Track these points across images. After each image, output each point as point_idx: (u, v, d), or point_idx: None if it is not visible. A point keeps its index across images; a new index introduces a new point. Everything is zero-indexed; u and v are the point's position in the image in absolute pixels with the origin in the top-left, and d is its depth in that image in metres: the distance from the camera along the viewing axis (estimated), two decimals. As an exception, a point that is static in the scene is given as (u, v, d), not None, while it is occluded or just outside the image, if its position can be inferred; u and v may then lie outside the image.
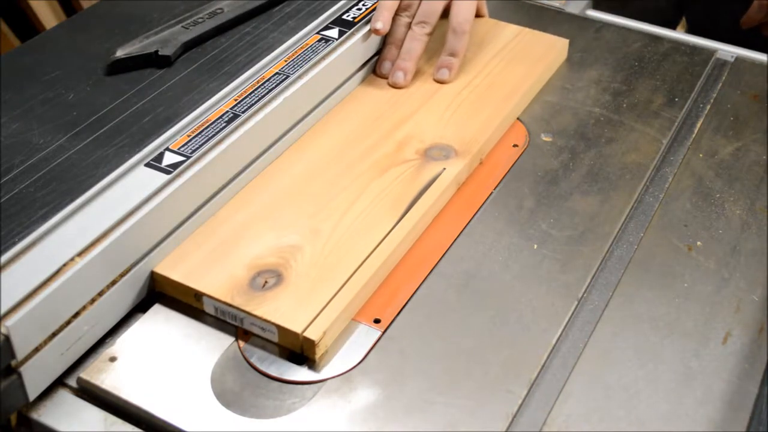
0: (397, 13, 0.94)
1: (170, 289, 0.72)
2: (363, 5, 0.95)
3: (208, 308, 0.70)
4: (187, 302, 0.71)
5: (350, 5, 0.95)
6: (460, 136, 0.86)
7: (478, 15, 1.01)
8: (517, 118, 0.90)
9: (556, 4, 1.08)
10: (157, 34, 0.91)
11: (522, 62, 0.96)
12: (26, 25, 1.94)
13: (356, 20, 0.92)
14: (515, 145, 0.87)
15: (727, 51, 1.01)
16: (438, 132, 0.86)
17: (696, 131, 0.89)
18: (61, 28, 0.99)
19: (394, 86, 0.93)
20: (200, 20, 0.94)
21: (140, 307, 0.72)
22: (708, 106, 0.93)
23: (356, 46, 0.91)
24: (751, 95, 0.94)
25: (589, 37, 1.03)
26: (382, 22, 0.92)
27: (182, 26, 0.92)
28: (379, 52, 0.95)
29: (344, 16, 0.93)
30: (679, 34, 1.05)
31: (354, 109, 0.90)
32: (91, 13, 1.01)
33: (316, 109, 0.88)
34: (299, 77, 0.85)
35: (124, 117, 0.81)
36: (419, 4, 0.94)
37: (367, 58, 0.94)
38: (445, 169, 0.81)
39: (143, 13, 0.97)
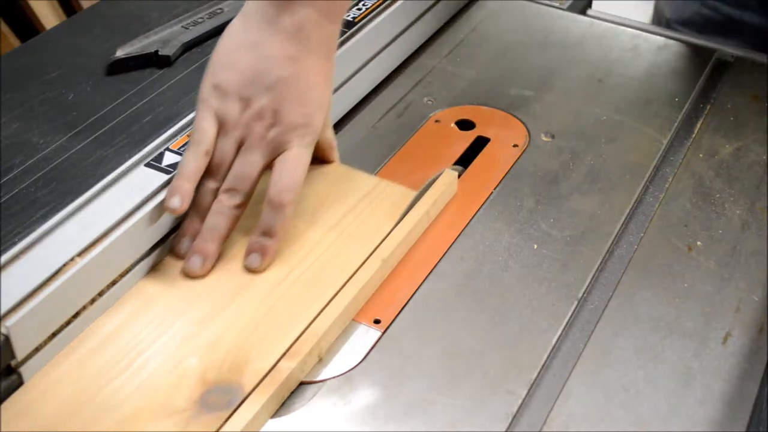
0: (204, 176, 0.72)
1: None
2: (363, 5, 0.95)
3: None
4: None
5: (350, 5, 0.95)
6: (259, 364, 0.62)
7: (323, 161, 0.79)
8: (517, 118, 0.90)
9: (557, 4, 1.08)
10: (157, 34, 0.91)
11: (369, 234, 0.72)
12: (26, 25, 1.94)
13: (356, 20, 0.92)
14: (515, 145, 0.87)
15: (727, 51, 1.00)
16: (230, 357, 0.62)
17: (696, 131, 0.89)
18: (61, 28, 0.99)
19: (189, 275, 0.69)
20: (200, 20, 0.94)
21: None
22: (708, 106, 0.93)
23: (356, 47, 0.91)
24: (751, 95, 0.94)
25: (589, 37, 1.03)
26: (180, 197, 0.69)
27: (182, 26, 0.93)
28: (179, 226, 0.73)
29: (344, 17, 0.93)
30: (678, 34, 1.05)
31: (123, 319, 0.65)
32: (91, 13, 1.01)
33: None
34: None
35: (124, 117, 0.81)
36: (230, 165, 0.71)
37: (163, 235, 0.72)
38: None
39: (143, 13, 0.97)
